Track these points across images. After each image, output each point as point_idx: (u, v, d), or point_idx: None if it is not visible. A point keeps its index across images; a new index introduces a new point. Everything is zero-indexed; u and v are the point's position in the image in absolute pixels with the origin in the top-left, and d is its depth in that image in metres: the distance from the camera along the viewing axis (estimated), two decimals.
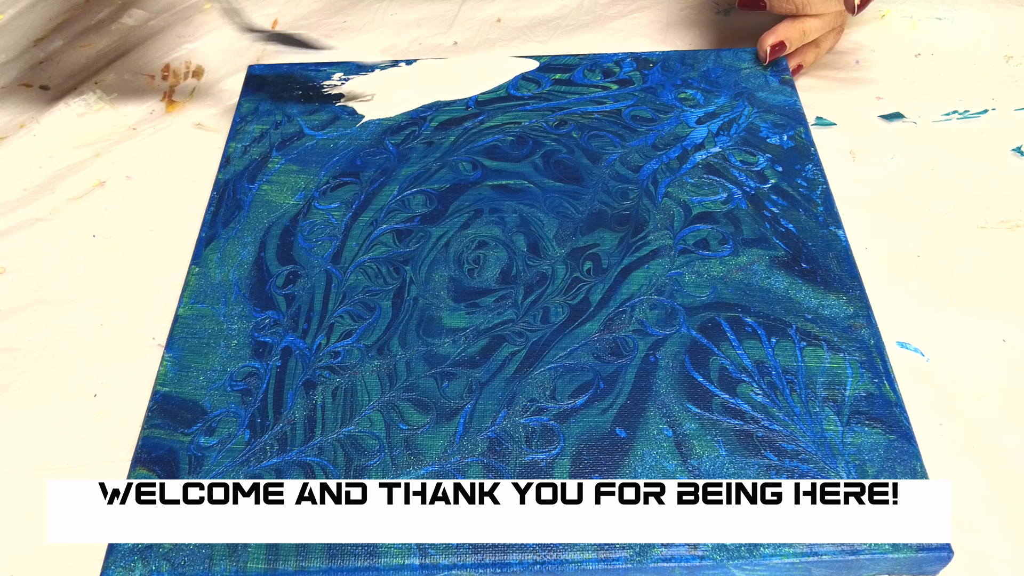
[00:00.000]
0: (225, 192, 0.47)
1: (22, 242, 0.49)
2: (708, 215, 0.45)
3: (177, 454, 0.37)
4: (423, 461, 0.37)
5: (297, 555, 0.34)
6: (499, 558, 0.34)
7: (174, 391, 0.39)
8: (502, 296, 0.42)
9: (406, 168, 0.48)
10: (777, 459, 0.36)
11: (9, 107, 0.58)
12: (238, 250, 0.45)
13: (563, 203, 0.46)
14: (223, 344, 0.41)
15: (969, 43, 0.57)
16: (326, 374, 0.40)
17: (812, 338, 0.40)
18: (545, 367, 0.39)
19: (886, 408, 0.37)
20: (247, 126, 0.51)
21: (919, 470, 0.35)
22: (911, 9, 0.60)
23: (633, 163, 0.48)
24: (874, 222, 0.47)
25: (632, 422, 0.37)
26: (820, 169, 0.47)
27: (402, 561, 0.34)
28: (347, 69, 0.54)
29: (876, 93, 0.54)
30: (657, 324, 0.40)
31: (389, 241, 0.45)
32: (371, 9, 0.63)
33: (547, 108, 0.51)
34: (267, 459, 0.37)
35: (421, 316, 0.41)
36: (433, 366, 0.40)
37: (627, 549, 0.34)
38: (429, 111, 0.51)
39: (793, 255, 0.43)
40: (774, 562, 0.34)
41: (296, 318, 0.42)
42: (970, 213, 0.48)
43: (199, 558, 0.34)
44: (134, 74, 0.59)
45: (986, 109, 0.53)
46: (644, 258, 0.43)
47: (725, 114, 0.50)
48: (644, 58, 0.53)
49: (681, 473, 0.36)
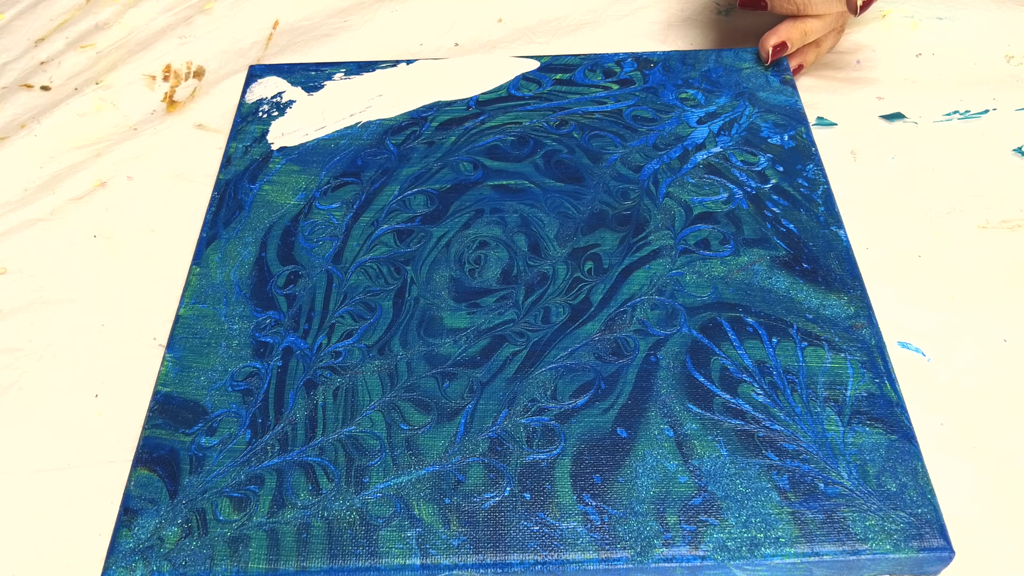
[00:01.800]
0: (226, 192, 0.47)
1: (23, 242, 0.49)
2: (709, 215, 0.45)
3: (178, 454, 0.37)
4: (424, 461, 0.37)
5: (298, 555, 0.34)
6: (500, 558, 0.34)
7: (175, 391, 0.39)
8: (503, 296, 0.42)
9: (407, 168, 0.48)
10: (778, 459, 0.36)
11: (10, 107, 0.58)
12: (239, 250, 0.45)
13: (564, 203, 0.46)
14: (224, 344, 0.41)
15: (970, 43, 0.57)
16: (327, 374, 0.40)
17: (813, 338, 0.40)
18: (546, 367, 0.39)
19: (887, 408, 0.37)
20: (248, 126, 0.51)
21: (920, 470, 0.35)
22: (912, 9, 0.60)
23: (634, 163, 0.48)
24: (875, 222, 0.47)
25: (633, 422, 0.37)
26: (821, 169, 0.47)
27: (403, 561, 0.34)
28: (348, 69, 0.54)
29: (877, 93, 0.54)
30: (658, 324, 0.40)
31: (390, 241, 0.45)
32: (372, 9, 0.63)
33: (548, 108, 0.51)
34: (268, 459, 0.37)
35: (422, 316, 0.41)
36: (434, 366, 0.40)
37: (628, 549, 0.34)
38: (430, 111, 0.51)
39: (794, 255, 0.43)
40: (775, 562, 0.34)
41: (297, 318, 0.42)
42: (971, 213, 0.47)
43: (200, 558, 0.34)
44: (135, 74, 0.59)
45: (987, 109, 0.53)
46: (645, 258, 0.43)
47: (726, 114, 0.50)
48: (645, 58, 0.53)
49: (682, 473, 0.36)
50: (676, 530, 0.34)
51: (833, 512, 0.34)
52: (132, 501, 0.36)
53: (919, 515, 0.34)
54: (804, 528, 0.34)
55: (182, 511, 0.36)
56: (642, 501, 0.35)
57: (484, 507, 0.35)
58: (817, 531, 0.34)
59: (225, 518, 0.35)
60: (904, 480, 0.35)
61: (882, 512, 0.34)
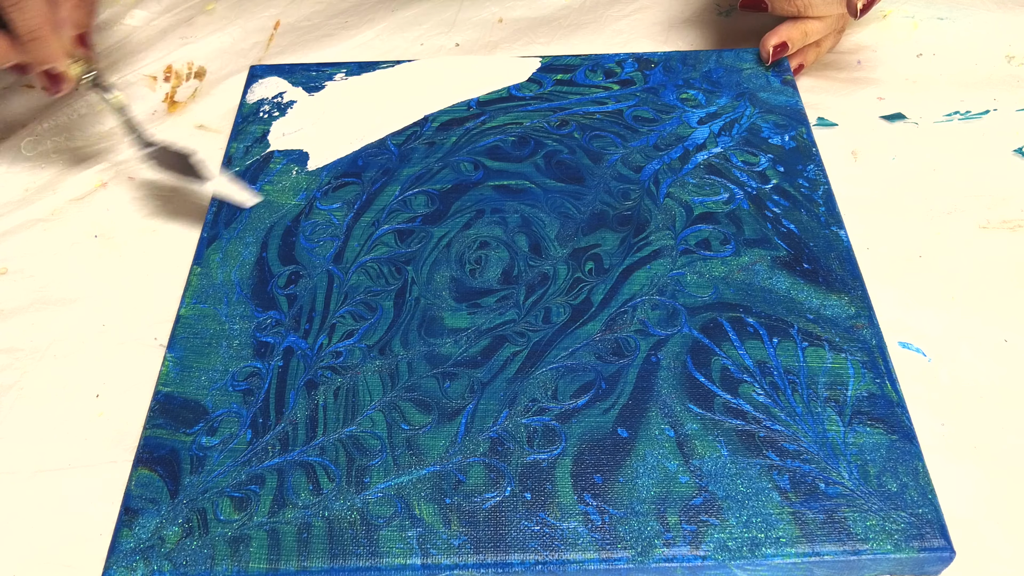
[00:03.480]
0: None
1: (24, 243, 0.49)
2: (710, 215, 0.45)
3: (179, 454, 0.37)
4: (425, 461, 0.37)
5: (299, 554, 0.34)
6: (501, 558, 0.34)
7: (176, 391, 0.39)
8: (504, 296, 0.42)
9: (408, 168, 0.48)
10: (779, 459, 0.36)
11: (11, 108, 0.58)
12: (240, 250, 0.45)
13: (565, 203, 0.46)
14: (225, 344, 0.41)
15: (971, 43, 0.57)
16: (328, 374, 0.40)
17: (814, 338, 0.40)
18: (547, 367, 0.39)
19: (888, 408, 0.37)
20: (249, 126, 0.51)
21: (921, 470, 0.35)
22: (912, 9, 0.60)
23: (635, 163, 0.48)
24: (876, 222, 0.47)
25: (634, 422, 0.37)
26: (822, 169, 0.47)
27: (404, 561, 0.34)
28: (348, 69, 0.54)
29: (878, 93, 0.54)
30: (659, 324, 0.40)
31: (391, 241, 0.45)
32: (372, 9, 0.63)
33: (549, 108, 0.51)
34: (269, 459, 0.37)
35: (423, 316, 0.41)
36: (435, 366, 0.40)
37: (629, 549, 0.34)
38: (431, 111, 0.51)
39: (795, 255, 0.43)
40: (776, 562, 0.33)
41: (298, 318, 0.42)
42: (972, 213, 0.48)
43: (201, 558, 0.34)
44: (136, 75, 0.59)
45: (988, 110, 0.53)
46: (646, 258, 0.43)
47: (727, 114, 0.50)
48: (646, 58, 0.53)
49: (683, 473, 0.36)
50: (677, 530, 0.34)
51: (834, 512, 0.34)
52: (133, 501, 0.36)
53: (920, 515, 0.34)
54: (805, 528, 0.34)
55: (183, 511, 0.36)
56: (643, 501, 0.35)
57: (485, 507, 0.35)
58: (818, 531, 0.34)
59: (226, 518, 0.35)
60: (905, 480, 0.35)
61: (883, 512, 0.34)
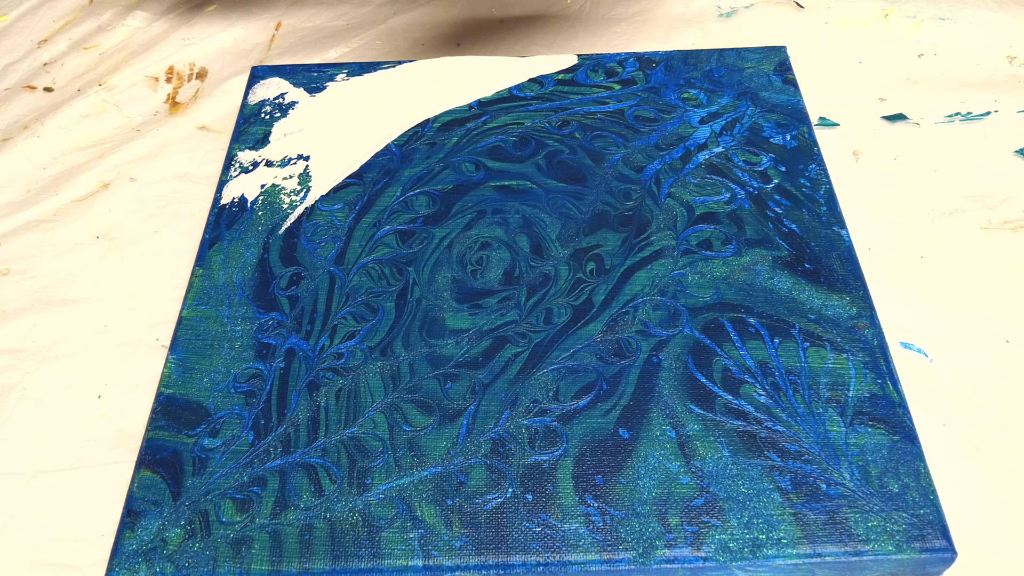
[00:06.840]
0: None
1: (26, 244, 0.50)
2: (711, 215, 0.45)
3: (181, 456, 0.37)
4: (426, 462, 0.37)
5: (301, 556, 0.34)
6: (502, 559, 0.34)
7: (178, 393, 0.39)
8: (505, 297, 0.42)
9: (409, 169, 0.48)
10: (780, 460, 0.36)
11: (13, 109, 0.58)
12: (241, 252, 0.45)
13: (566, 204, 0.46)
14: (227, 346, 0.41)
15: (972, 44, 0.57)
16: (329, 375, 0.40)
17: (815, 338, 0.40)
18: (548, 368, 0.39)
19: (889, 409, 0.37)
20: (251, 127, 0.51)
21: (922, 471, 0.35)
22: (914, 9, 0.59)
23: (636, 163, 0.48)
24: (877, 223, 0.47)
25: (635, 423, 0.37)
26: (823, 169, 0.47)
27: (405, 562, 0.34)
28: (350, 70, 0.54)
29: (879, 94, 0.54)
30: (660, 325, 0.40)
31: (392, 242, 0.45)
32: (374, 10, 0.63)
33: (550, 108, 0.51)
34: (271, 461, 0.37)
35: (424, 317, 0.41)
36: (436, 367, 0.40)
37: (630, 550, 0.34)
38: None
39: (796, 255, 0.43)
40: (777, 563, 0.33)
41: (299, 320, 0.42)
42: (973, 214, 0.47)
43: (203, 559, 0.34)
44: (138, 76, 0.59)
45: (989, 111, 0.53)
46: (647, 259, 0.43)
47: (728, 114, 0.50)
48: (647, 58, 0.53)
49: (684, 474, 0.36)
50: (678, 531, 0.34)
51: (835, 513, 0.34)
52: (135, 503, 0.36)
53: (921, 516, 0.34)
54: (806, 529, 0.34)
55: (185, 513, 0.36)
56: (644, 502, 0.35)
57: (486, 508, 0.35)
58: (819, 532, 0.34)
59: (228, 519, 0.35)
60: (906, 481, 0.35)
61: (884, 513, 0.34)
